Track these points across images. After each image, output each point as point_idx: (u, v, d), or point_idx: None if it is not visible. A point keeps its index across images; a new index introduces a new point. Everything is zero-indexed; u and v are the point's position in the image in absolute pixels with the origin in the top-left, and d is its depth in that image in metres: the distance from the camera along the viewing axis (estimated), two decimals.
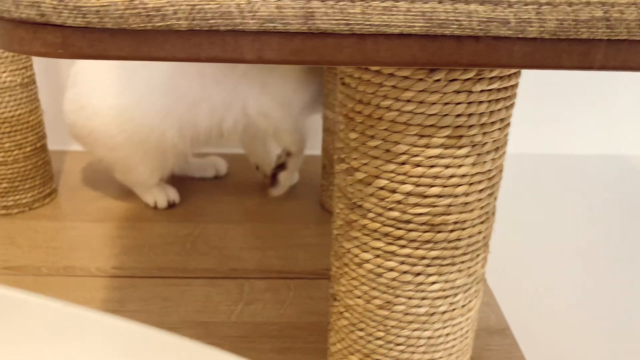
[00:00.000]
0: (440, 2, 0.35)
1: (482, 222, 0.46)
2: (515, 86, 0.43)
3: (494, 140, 0.43)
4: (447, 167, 0.42)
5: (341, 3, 0.35)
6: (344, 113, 0.45)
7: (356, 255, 0.47)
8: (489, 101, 0.41)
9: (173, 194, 0.96)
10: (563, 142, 1.21)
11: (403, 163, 0.42)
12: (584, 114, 1.19)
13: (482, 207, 0.45)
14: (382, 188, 0.44)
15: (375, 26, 0.36)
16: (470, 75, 0.39)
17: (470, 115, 0.41)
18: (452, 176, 0.42)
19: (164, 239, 0.87)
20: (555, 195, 1.08)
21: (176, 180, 0.98)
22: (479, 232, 0.46)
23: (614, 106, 1.19)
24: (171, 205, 0.95)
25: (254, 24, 0.35)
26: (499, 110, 0.42)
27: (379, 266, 0.46)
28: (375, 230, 0.45)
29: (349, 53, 0.37)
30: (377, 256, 0.46)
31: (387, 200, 0.44)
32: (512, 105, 0.43)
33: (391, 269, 0.46)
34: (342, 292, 0.50)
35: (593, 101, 1.18)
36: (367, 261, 0.47)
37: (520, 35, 0.36)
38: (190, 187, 1.02)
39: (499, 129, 0.43)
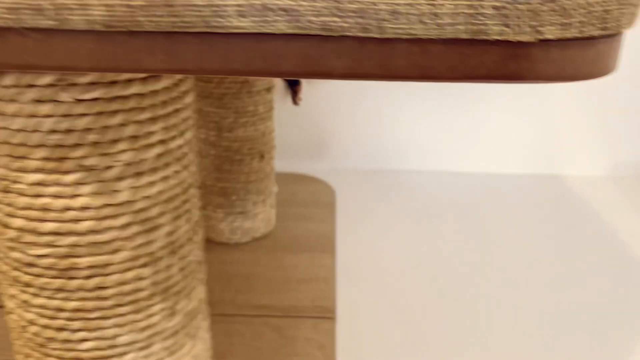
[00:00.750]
0: None
1: (143, 266, 0.36)
2: (152, 94, 0.33)
3: (128, 164, 0.34)
4: (56, 197, 0.33)
5: None
6: None
7: (2, 306, 0.38)
8: (96, 114, 0.32)
9: None
10: (496, 160, 1.10)
11: (5, 191, 0.33)
12: (517, 132, 1.08)
13: (136, 248, 0.36)
14: None
15: None
16: (51, 79, 0.30)
17: (68, 131, 0.32)
18: (67, 209, 0.33)
19: None
20: (481, 216, 0.96)
21: None
22: (140, 279, 0.37)
23: (549, 125, 1.07)
24: None
25: None
26: (123, 125, 0.33)
27: (20, 318, 0.37)
28: (5, 274, 0.36)
29: None
30: (18, 306, 0.37)
31: (2, 237, 0.35)
32: (154, 119, 0.34)
33: (31, 322, 0.37)
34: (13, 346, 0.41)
35: (527, 120, 1.07)
36: (11, 312, 0.38)
37: (62, 27, 0.27)
38: None
39: (134, 149, 0.34)
